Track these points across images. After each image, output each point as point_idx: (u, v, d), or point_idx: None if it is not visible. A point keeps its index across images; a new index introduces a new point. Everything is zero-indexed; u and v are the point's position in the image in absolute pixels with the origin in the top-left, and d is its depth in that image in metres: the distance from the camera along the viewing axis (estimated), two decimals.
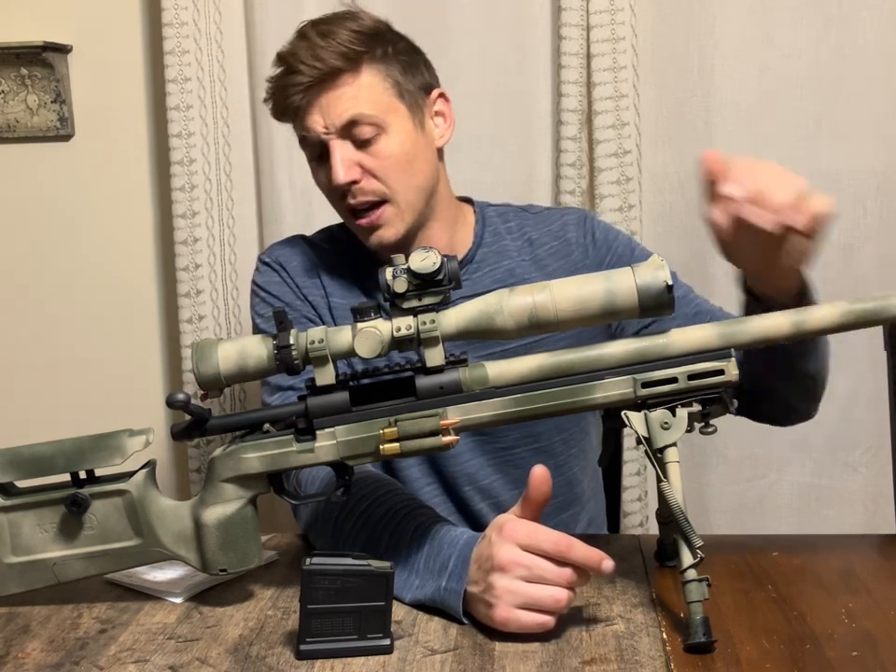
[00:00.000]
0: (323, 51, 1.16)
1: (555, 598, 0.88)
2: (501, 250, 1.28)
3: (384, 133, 1.18)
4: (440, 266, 0.90)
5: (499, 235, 1.30)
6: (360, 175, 1.18)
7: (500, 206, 1.34)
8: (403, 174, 1.19)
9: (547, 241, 1.29)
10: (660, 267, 0.90)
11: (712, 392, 0.92)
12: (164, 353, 1.92)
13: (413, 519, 1.01)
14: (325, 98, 1.17)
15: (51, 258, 1.90)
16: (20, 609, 1.01)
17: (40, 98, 1.84)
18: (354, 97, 1.17)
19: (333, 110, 1.17)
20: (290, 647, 0.90)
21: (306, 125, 1.19)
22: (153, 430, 1.00)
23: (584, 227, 1.30)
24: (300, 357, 0.93)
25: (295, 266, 1.29)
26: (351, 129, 1.17)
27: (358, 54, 1.17)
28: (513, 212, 1.33)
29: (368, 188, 1.19)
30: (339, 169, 1.17)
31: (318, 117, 1.18)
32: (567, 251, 1.28)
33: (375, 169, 1.18)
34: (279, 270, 1.29)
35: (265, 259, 1.31)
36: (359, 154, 1.18)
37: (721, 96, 1.66)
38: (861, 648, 0.86)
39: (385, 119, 1.18)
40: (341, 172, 1.17)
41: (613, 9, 1.62)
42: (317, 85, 1.17)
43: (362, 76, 1.18)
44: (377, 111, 1.18)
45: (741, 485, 1.75)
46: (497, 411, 0.93)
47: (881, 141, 1.65)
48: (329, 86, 1.17)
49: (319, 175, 1.23)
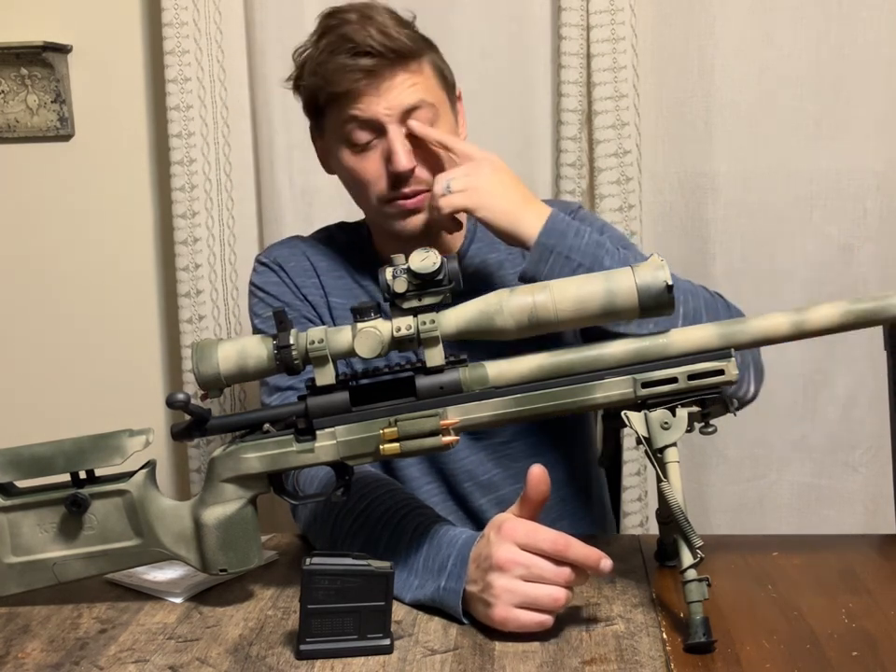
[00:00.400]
0: (394, 33, 1.14)
1: (554, 597, 0.88)
2: (492, 241, 1.28)
3: (437, 122, 1.18)
4: (439, 266, 0.90)
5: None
6: (415, 161, 1.17)
7: None
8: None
9: None
10: (660, 267, 0.90)
11: (712, 392, 0.92)
12: (164, 353, 1.92)
13: (413, 519, 1.01)
14: (390, 80, 1.15)
15: (51, 258, 1.90)
16: (20, 609, 1.01)
17: (40, 98, 1.84)
18: (418, 83, 1.16)
19: (398, 94, 1.15)
20: (290, 647, 0.90)
21: (363, 105, 1.15)
22: (153, 430, 1.00)
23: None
24: (300, 357, 0.93)
25: (293, 266, 1.29)
26: (410, 115, 1.16)
27: (421, 41, 1.17)
28: None
29: (421, 176, 1.17)
30: (402, 154, 1.15)
31: (380, 99, 1.15)
32: None
33: (429, 157, 1.17)
34: (277, 270, 1.29)
35: (263, 259, 1.31)
36: (415, 141, 1.17)
37: (721, 96, 1.66)
38: (861, 648, 0.86)
39: (439, 109, 1.18)
40: (404, 157, 1.15)
41: (613, 9, 1.62)
42: (388, 67, 1.14)
43: (424, 63, 1.18)
44: (434, 100, 1.18)
45: (741, 485, 1.75)
46: (497, 411, 0.93)
47: (881, 141, 1.65)
48: (398, 69, 1.15)
49: (362, 163, 1.18)
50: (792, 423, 1.73)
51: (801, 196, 1.68)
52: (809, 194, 1.67)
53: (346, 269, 1.29)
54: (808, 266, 1.68)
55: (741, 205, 1.68)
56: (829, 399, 1.73)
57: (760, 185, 1.68)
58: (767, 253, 1.69)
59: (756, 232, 1.69)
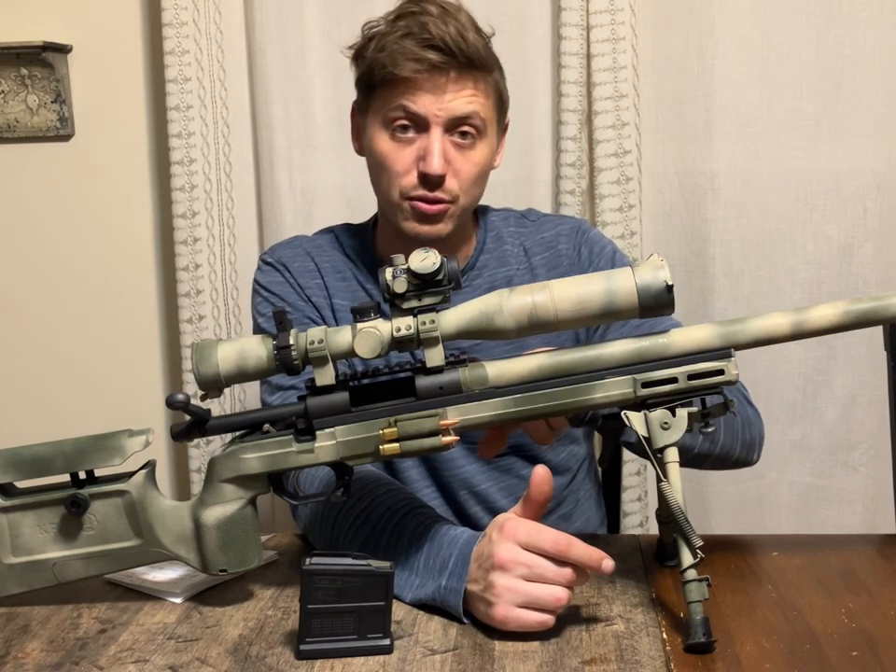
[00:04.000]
0: (472, 37, 1.13)
1: (556, 597, 0.88)
2: (502, 255, 1.28)
3: (481, 139, 1.17)
4: (439, 266, 0.90)
5: (501, 240, 1.29)
6: (448, 170, 1.16)
7: (502, 211, 1.34)
8: (475, 184, 1.19)
9: (539, 250, 1.29)
10: (660, 267, 0.90)
11: (712, 392, 0.92)
12: (164, 353, 1.92)
13: (414, 518, 1.01)
14: (453, 83, 1.14)
15: (51, 258, 1.90)
16: (20, 609, 1.01)
17: (40, 98, 1.84)
18: (477, 96, 1.15)
19: (455, 99, 1.14)
20: (290, 647, 0.90)
21: (417, 99, 1.14)
22: (153, 430, 1.00)
23: (575, 239, 1.29)
24: (299, 358, 0.93)
25: (298, 267, 1.29)
26: (459, 124, 1.15)
27: (493, 58, 1.17)
28: (514, 217, 1.33)
29: (449, 186, 1.16)
30: (438, 158, 1.14)
31: (436, 98, 1.13)
32: (556, 262, 1.28)
33: (462, 171, 1.17)
34: (282, 270, 1.29)
35: (267, 258, 1.31)
36: (453, 152, 1.16)
37: (721, 96, 1.66)
38: (861, 648, 0.86)
39: (487, 128, 1.18)
40: (439, 163, 1.14)
41: (613, 9, 1.62)
42: (455, 69, 1.13)
43: (490, 79, 1.17)
44: (486, 117, 1.17)
45: (741, 485, 1.75)
46: (497, 411, 0.93)
47: (881, 141, 1.65)
48: (464, 75, 1.14)
49: (397, 152, 1.17)
50: (792, 423, 1.73)
51: (801, 196, 1.68)
52: (809, 194, 1.67)
53: (350, 271, 1.29)
54: (808, 266, 1.68)
55: (741, 205, 1.68)
56: (829, 399, 1.73)
57: (760, 185, 1.68)
58: (767, 253, 1.69)
59: (756, 232, 1.69)
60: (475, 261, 1.28)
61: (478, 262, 1.28)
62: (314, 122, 1.72)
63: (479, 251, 1.28)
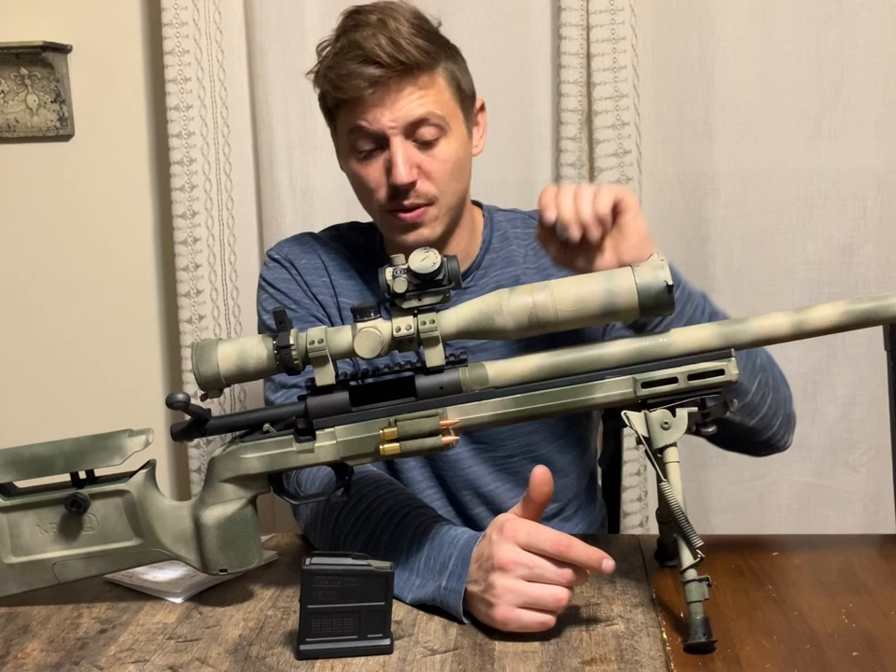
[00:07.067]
0: (405, 43, 1.11)
1: (557, 597, 0.88)
2: (508, 256, 1.28)
3: (445, 135, 1.16)
4: (439, 266, 0.90)
5: (507, 241, 1.29)
6: (418, 175, 1.16)
7: (509, 212, 1.33)
8: (453, 179, 1.18)
9: None
10: (660, 267, 0.90)
11: (712, 392, 0.92)
12: (164, 353, 1.92)
13: (414, 518, 1.01)
14: (397, 93, 1.13)
15: (51, 258, 1.90)
16: (20, 609, 1.01)
17: (40, 98, 1.84)
18: (426, 96, 1.14)
19: (404, 106, 1.13)
20: (290, 647, 0.90)
21: (369, 117, 1.14)
22: (153, 430, 1.00)
23: None
24: (299, 358, 0.93)
25: (304, 264, 1.28)
26: (416, 128, 1.15)
27: (437, 52, 1.15)
28: (521, 218, 1.32)
29: (422, 189, 1.16)
30: (403, 168, 1.13)
31: (386, 111, 1.13)
32: None
33: (432, 172, 1.16)
34: (288, 267, 1.28)
35: (274, 255, 1.30)
36: (419, 155, 1.16)
37: (721, 96, 1.65)
38: (861, 648, 0.86)
39: (449, 122, 1.17)
40: (404, 171, 1.13)
41: (613, 9, 1.62)
42: (395, 78, 1.12)
43: (437, 75, 1.16)
44: (444, 113, 1.16)
45: (741, 485, 1.75)
46: (497, 411, 0.93)
47: (881, 141, 1.65)
48: (406, 81, 1.13)
49: (366, 170, 1.18)
50: None
51: (801, 196, 1.67)
52: (809, 194, 1.67)
53: (357, 269, 1.29)
54: (808, 266, 1.68)
55: (741, 205, 1.68)
56: (829, 399, 1.72)
57: (760, 185, 1.68)
58: (767, 253, 1.69)
59: (756, 232, 1.69)
60: (481, 261, 1.27)
61: (483, 261, 1.27)
62: (314, 122, 1.72)
63: (484, 250, 1.28)
